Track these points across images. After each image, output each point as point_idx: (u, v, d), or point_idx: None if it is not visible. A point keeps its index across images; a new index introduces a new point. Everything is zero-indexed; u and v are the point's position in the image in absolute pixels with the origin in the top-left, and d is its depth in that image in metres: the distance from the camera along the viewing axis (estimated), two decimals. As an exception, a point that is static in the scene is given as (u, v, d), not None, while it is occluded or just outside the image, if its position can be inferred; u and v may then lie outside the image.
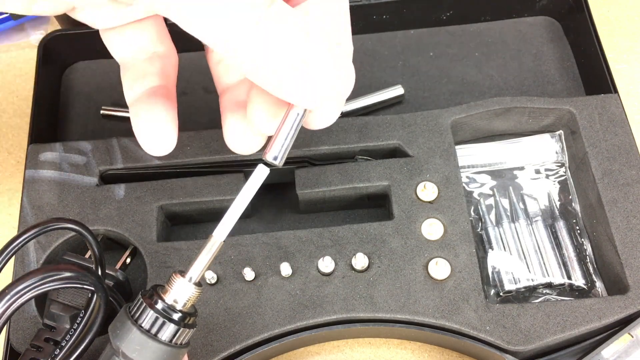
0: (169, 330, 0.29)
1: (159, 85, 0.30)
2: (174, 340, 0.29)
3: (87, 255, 0.43)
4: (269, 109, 0.28)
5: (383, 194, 0.45)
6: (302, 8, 0.27)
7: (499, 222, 0.46)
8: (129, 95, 0.30)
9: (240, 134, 0.30)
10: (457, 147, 0.47)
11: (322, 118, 0.27)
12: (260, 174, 0.28)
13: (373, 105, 0.52)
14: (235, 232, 0.29)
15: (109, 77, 0.56)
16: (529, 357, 0.41)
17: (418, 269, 0.42)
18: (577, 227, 0.46)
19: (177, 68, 0.31)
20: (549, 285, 0.44)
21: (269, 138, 0.28)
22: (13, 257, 0.36)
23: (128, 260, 0.45)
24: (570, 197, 0.47)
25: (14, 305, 0.32)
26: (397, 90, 0.52)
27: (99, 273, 0.38)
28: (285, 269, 0.41)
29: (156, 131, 0.28)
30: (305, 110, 0.26)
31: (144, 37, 0.30)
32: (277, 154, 0.27)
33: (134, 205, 0.44)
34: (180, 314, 0.29)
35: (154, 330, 0.29)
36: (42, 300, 0.42)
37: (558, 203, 0.47)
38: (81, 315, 0.37)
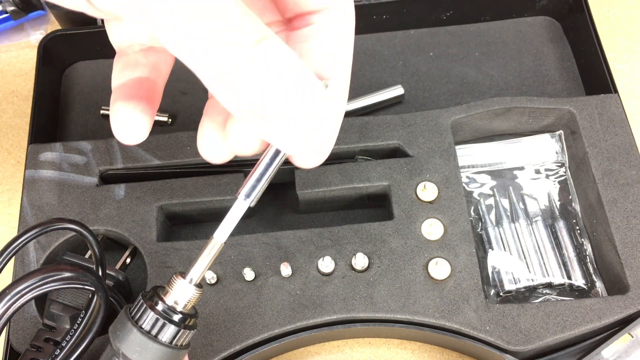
0: (169, 331, 0.29)
1: (147, 78, 0.29)
2: (174, 342, 0.29)
3: (87, 255, 0.43)
4: (247, 140, 0.27)
5: (383, 194, 0.45)
6: (304, 34, 0.27)
7: (499, 222, 0.46)
8: (115, 79, 0.30)
9: (213, 144, 0.29)
10: (457, 147, 0.47)
11: (306, 160, 0.26)
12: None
13: (373, 105, 0.52)
14: (235, 232, 0.29)
15: (109, 77, 0.55)
16: (529, 357, 0.41)
17: (418, 269, 0.42)
18: (577, 227, 0.46)
19: (171, 66, 0.31)
20: (549, 285, 0.44)
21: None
22: (13, 257, 0.36)
23: (128, 260, 0.45)
24: (570, 197, 0.47)
25: (14, 305, 0.32)
26: (397, 90, 0.52)
27: (99, 273, 0.38)
28: (285, 269, 0.41)
29: (129, 121, 0.28)
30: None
31: (142, 32, 0.30)
32: (251, 193, 0.27)
33: (134, 205, 0.44)
34: (180, 316, 0.29)
35: (154, 332, 0.29)
36: (42, 301, 0.42)
37: (558, 203, 0.47)
38: (81, 315, 0.37)
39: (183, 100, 0.54)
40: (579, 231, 0.46)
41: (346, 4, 0.27)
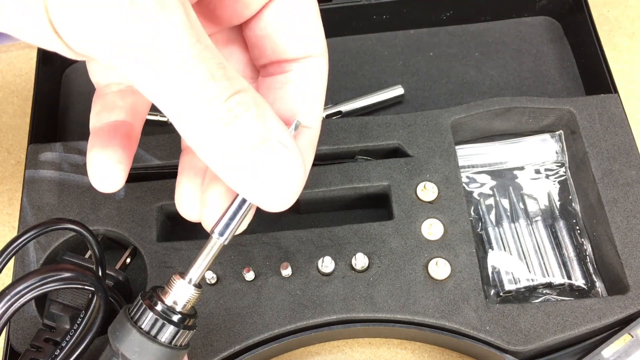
0: (168, 331, 0.29)
1: (123, 121, 0.29)
2: (173, 342, 0.29)
3: (87, 255, 0.43)
4: (224, 201, 0.28)
5: (383, 194, 0.45)
6: (280, 81, 0.27)
7: (499, 222, 0.46)
8: (93, 121, 0.30)
9: (192, 203, 0.30)
10: (457, 147, 0.47)
11: (274, 208, 0.26)
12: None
13: (373, 105, 0.52)
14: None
15: (109, 77, 0.56)
16: (529, 357, 0.41)
17: (418, 269, 0.42)
18: (577, 227, 0.46)
19: (149, 106, 0.31)
20: (549, 285, 0.44)
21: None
22: (13, 257, 0.36)
23: (128, 260, 0.45)
24: (570, 197, 0.47)
25: (14, 306, 0.32)
26: (397, 90, 0.52)
27: (99, 273, 0.38)
28: (285, 269, 0.41)
29: (105, 171, 0.28)
30: None
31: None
32: (224, 232, 0.27)
33: (134, 205, 0.44)
34: (180, 316, 0.29)
35: (153, 332, 0.29)
36: (42, 301, 0.42)
37: (558, 203, 0.47)
38: (81, 315, 0.37)
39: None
40: (579, 231, 0.46)
41: (323, 53, 0.28)
